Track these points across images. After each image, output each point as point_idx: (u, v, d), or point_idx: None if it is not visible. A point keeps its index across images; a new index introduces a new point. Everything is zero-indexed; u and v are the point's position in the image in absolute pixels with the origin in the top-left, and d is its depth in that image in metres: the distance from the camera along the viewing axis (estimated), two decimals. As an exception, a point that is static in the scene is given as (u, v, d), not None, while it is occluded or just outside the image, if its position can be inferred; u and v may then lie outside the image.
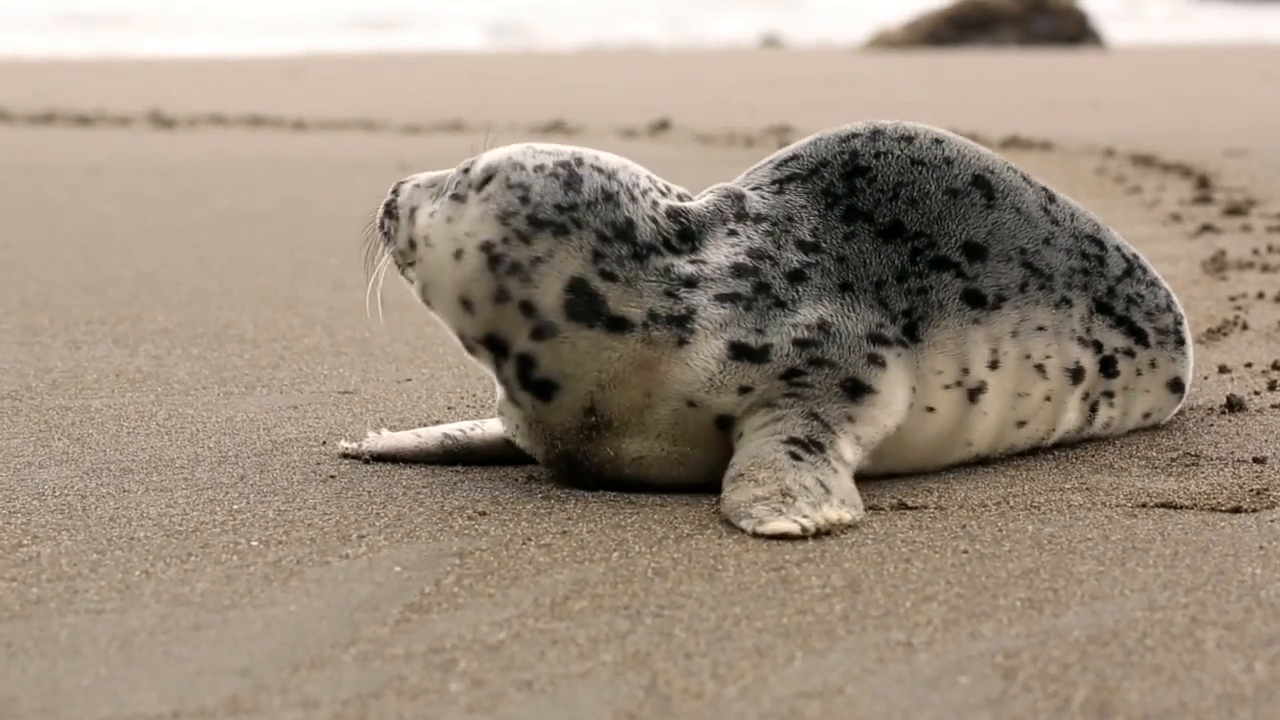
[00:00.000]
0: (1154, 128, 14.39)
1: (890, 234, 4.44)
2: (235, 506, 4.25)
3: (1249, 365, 5.77)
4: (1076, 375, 4.63)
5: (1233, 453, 4.69)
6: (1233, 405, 5.14)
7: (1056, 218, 4.66)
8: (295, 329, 6.66)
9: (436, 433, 4.69)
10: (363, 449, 4.72)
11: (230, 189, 11.10)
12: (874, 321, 4.33)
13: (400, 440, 4.70)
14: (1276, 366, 5.70)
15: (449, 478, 4.52)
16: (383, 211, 4.47)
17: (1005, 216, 4.56)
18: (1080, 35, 30.50)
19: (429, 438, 4.69)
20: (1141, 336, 4.76)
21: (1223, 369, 5.69)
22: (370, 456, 4.70)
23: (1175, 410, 4.94)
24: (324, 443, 4.88)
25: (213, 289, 7.54)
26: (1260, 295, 7.06)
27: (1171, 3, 50.62)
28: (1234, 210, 9.45)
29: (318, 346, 6.33)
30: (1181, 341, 4.86)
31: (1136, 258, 4.84)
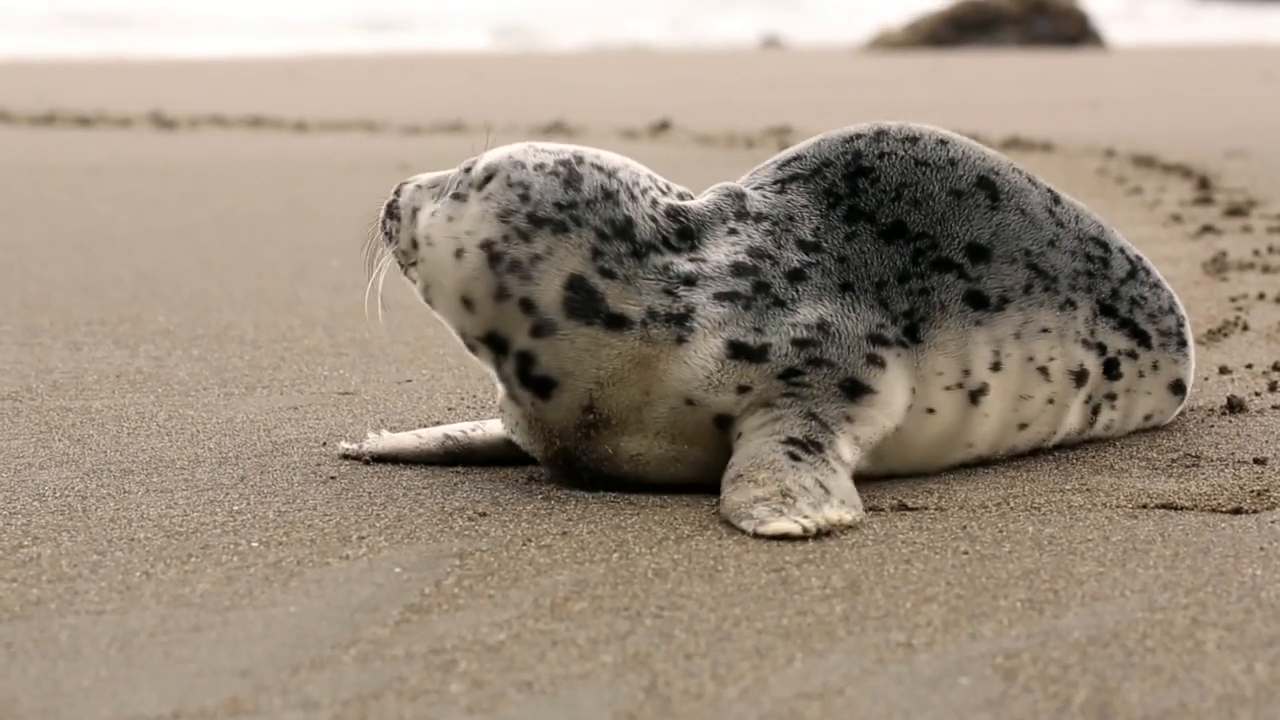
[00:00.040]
0: (1155, 128, 14.39)
1: (892, 234, 4.44)
2: (235, 507, 4.25)
3: (1249, 366, 5.77)
4: (1080, 378, 4.63)
5: (1233, 454, 4.68)
6: (1233, 406, 5.14)
7: (1061, 219, 4.66)
8: (296, 330, 6.66)
9: (437, 433, 4.69)
10: (363, 450, 4.72)
11: (231, 190, 11.10)
12: (874, 322, 4.33)
13: (401, 441, 4.70)
14: (1277, 367, 5.70)
15: (449, 479, 4.52)
16: (384, 212, 4.47)
17: (1010, 218, 4.55)
18: (1081, 36, 30.51)
19: (430, 438, 4.68)
20: (1144, 339, 4.76)
21: (1223, 370, 5.68)
22: (370, 457, 4.70)
23: (1176, 412, 4.94)
24: (324, 444, 4.88)
25: (213, 290, 7.54)
26: (1261, 296, 7.06)
27: (1172, 3, 50.61)
28: (1235, 211, 9.45)
29: (318, 347, 6.33)
30: (1184, 343, 4.86)
31: (1140, 259, 4.83)
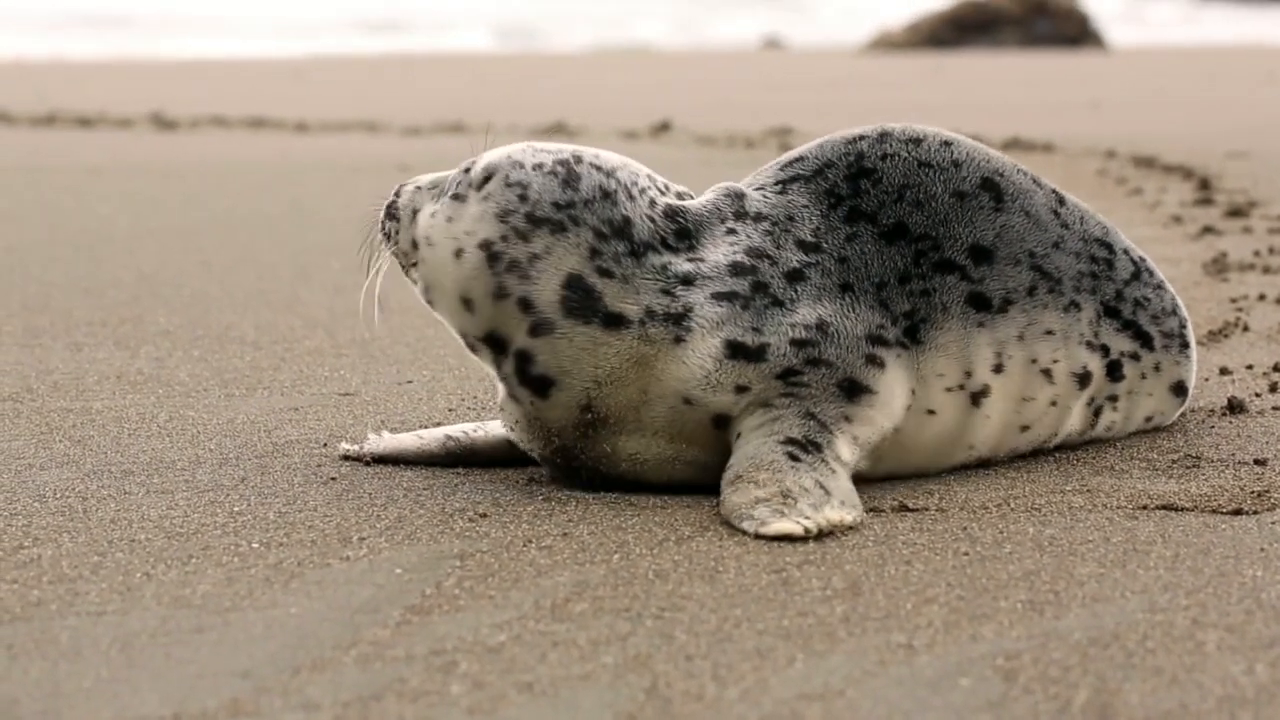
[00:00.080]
0: (1155, 129, 14.39)
1: (894, 235, 4.43)
2: (236, 509, 4.25)
3: (1250, 367, 5.77)
4: (1083, 380, 4.62)
5: (1234, 454, 4.68)
6: (1234, 407, 5.14)
7: (1066, 221, 4.65)
8: (296, 331, 6.66)
9: (439, 434, 4.69)
10: (364, 451, 4.72)
11: (232, 191, 11.10)
12: (874, 323, 4.33)
13: (402, 442, 4.70)
14: (1278, 368, 5.70)
15: (450, 480, 4.52)
16: (384, 213, 4.47)
17: (1014, 220, 4.55)
18: (1081, 37, 30.51)
19: (431, 439, 4.68)
20: (1147, 340, 4.75)
21: (1224, 371, 5.68)
22: (371, 458, 4.70)
23: (1177, 414, 4.94)
24: (325, 445, 4.88)
25: (214, 291, 7.54)
26: (1261, 297, 7.06)
27: (1173, 4, 50.60)
28: (1235, 212, 9.45)
29: (319, 348, 6.33)
30: (1186, 345, 4.85)
31: (1144, 260, 4.83)
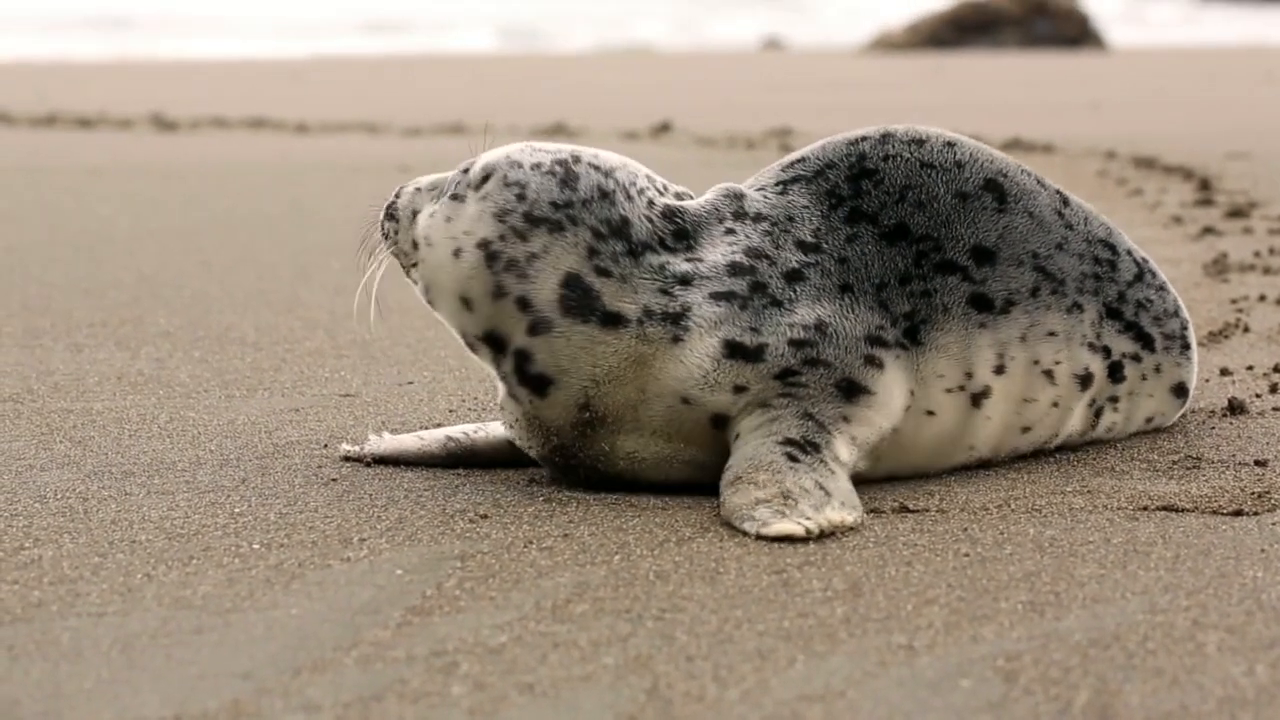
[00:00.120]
0: (1155, 130, 14.39)
1: (895, 236, 4.43)
2: (237, 509, 4.25)
3: (1250, 368, 5.77)
4: (1085, 381, 4.62)
5: (1234, 455, 4.69)
6: (1234, 408, 5.14)
7: (1071, 222, 4.65)
8: (297, 332, 6.66)
9: (439, 435, 4.69)
10: (364, 452, 4.72)
11: (232, 191, 11.10)
12: (873, 323, 4.33)
13: (402, 443, 4.70)
14: (1278, 369, 5.70)
15: (450, 481, 4.52)
16: (384, 214, 4.48)
17: (1017, 221, 4.55)
18: (1081, 37, 30.51)
19: (432, 440, 4.69)
20: (1149, 342, 4.75)
21: (1224, 371, 5.68)
22: (372, 459, 4.70)
23: (1178, 415, 4.94)
24: (325, 446, 4.88)
25: (214, 292, 7.54)
26: (1262, 298, 7.06)
27: (1173, 4, 50.60)
28: (1236, 212, 9.45)
29: (319, 349, 6.33)
30: (1186, 346, 4.85)
31: (1146, 262, 4.83)
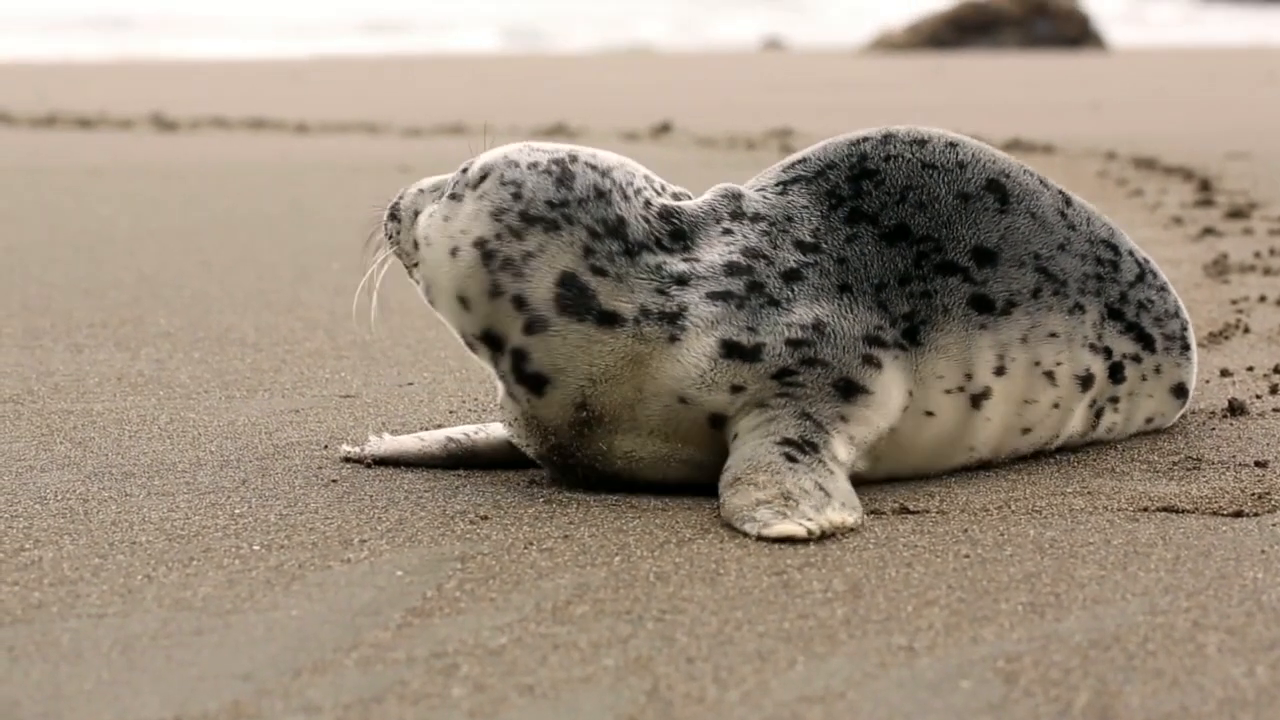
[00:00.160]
0: (1156, 130, 14.38)
1: (895, 237, 4.43)
2: (237, 511, 4.25)
3: (1251, 369, 5.77)
4: (1086, 382, 4.62)
5: (1234, 456, 4.69)
6: (1234, 409, 5.14)
7: (1073, 222, 4.65)
8: (297, 333, 6.66)
9: (440, 436, 4.69)
10: (365, 453, 4.72)
11: (232, 192, 11.10)
12: (872, 324, 4.33)
13: (403, 444, 4.70)
14: (1278, 370, 5.70)
15: (450, 482, 4.52)
16: (387, 215, 4.49)
17: (1019, 221, 4.54)
18: (1082, 38, 30.51)
19: (432, 441, 4.69)
20: (1149, 342, 4.75)
21: (1224, 372, 5.68)
22: (372, 460, 4.70)
23: (1178, 415, 4.94)
24: (325, 447, 4.88)
25: (214, 292, 7.54)
26: (1262, 298, 7.06)
27: (1174, 5, 50.60)
28: (1236, 213, 9.45)
29: (319, 350, 6.33)
30: (1187, 347, 4.85)
31: (1147, 262, 4.83)
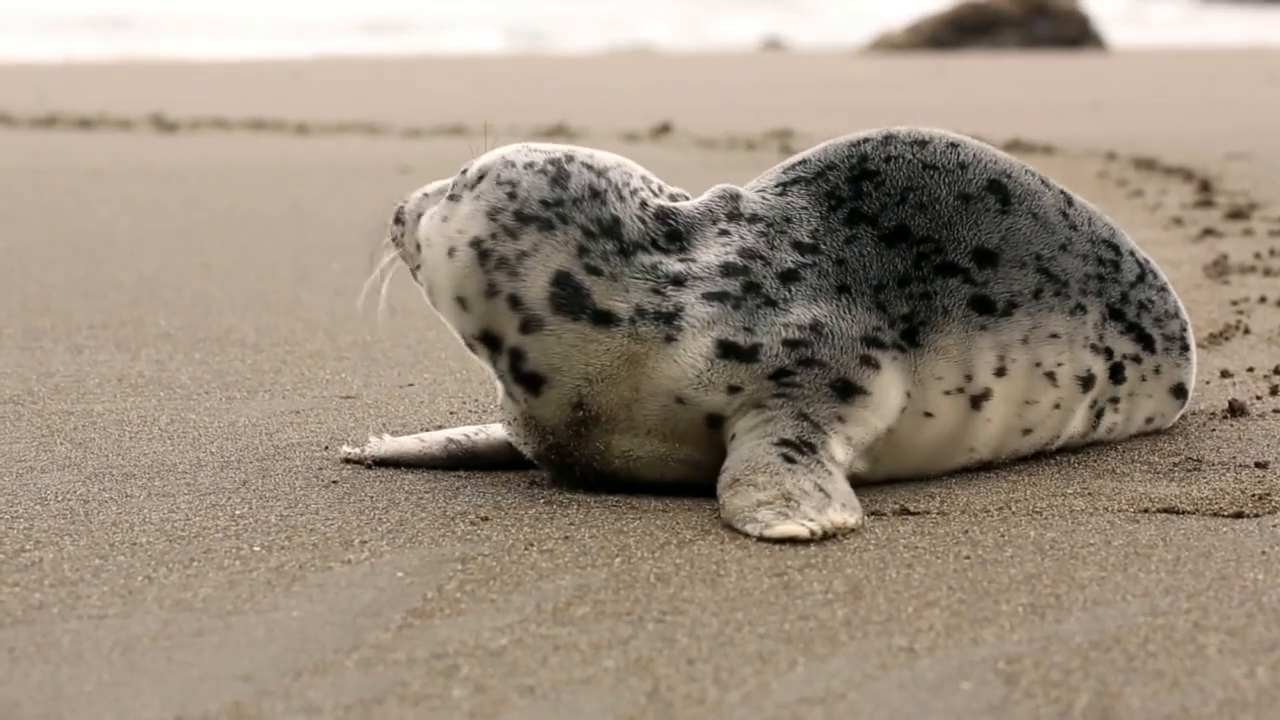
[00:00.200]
0: (1156, 131, 14.38)
1: (895, 238, 4.43)
2: (237, 512, 4.25)
3: (1251, 370, 5.77)
4: (1087, 383, 4.62)
5: (1235, 457, 4.69)
6: (1235, 410, 5.14)
7: (1075, 222, 4.65)
8: (297, 334, 6.66)
9: (440, 437, 4.69)
10: (365, 454, 4.72)
11: (232, 192, 11.10)
12: (870, 324, 4.32)
13: (403, 445, 4.71)
14: (1278, 371, 5.70)
15: (451, 483, 4.52)
16: (392, 219, 4.50)
17: (1021, 222, 4.54)
18: (1082, 38, 30.50)
19: (432, 442, 4.69)
20: (1149, 343, 4.75)
21: (1225, 373, 5.68)
22: (373, 461, 4.70)
23: (1178, 415, 4.94)
24: (326, 448, 4.88)
25: (215, 293, 7.54)
26: (1262, 299, 7.06)
27: (1174, 5, 50.60)
28: (1236, 214, 9.45)
29: (320, 351, 6.34)
30: (1186, 347, 4.85)
31: (1148, 262, 4.83)
